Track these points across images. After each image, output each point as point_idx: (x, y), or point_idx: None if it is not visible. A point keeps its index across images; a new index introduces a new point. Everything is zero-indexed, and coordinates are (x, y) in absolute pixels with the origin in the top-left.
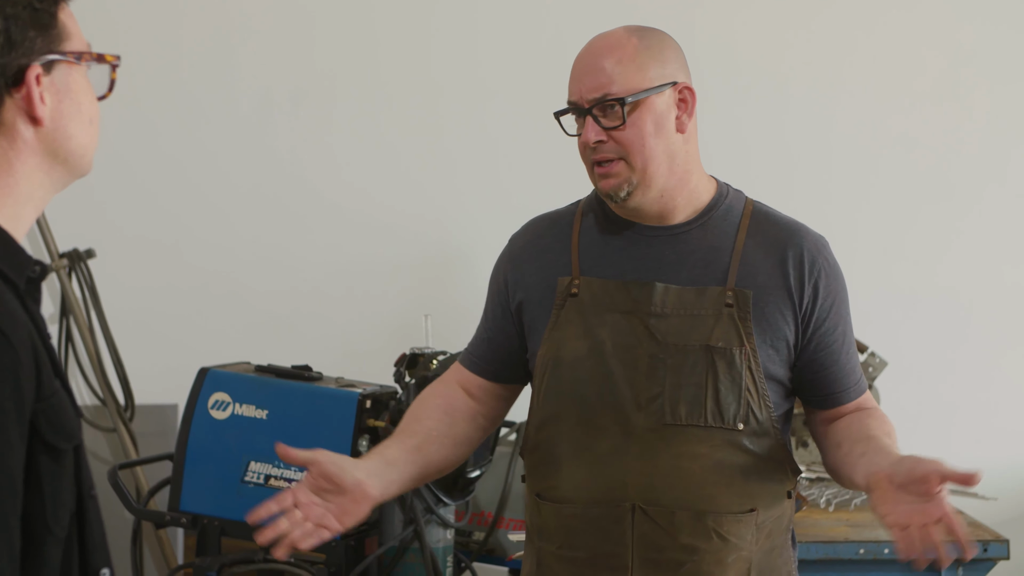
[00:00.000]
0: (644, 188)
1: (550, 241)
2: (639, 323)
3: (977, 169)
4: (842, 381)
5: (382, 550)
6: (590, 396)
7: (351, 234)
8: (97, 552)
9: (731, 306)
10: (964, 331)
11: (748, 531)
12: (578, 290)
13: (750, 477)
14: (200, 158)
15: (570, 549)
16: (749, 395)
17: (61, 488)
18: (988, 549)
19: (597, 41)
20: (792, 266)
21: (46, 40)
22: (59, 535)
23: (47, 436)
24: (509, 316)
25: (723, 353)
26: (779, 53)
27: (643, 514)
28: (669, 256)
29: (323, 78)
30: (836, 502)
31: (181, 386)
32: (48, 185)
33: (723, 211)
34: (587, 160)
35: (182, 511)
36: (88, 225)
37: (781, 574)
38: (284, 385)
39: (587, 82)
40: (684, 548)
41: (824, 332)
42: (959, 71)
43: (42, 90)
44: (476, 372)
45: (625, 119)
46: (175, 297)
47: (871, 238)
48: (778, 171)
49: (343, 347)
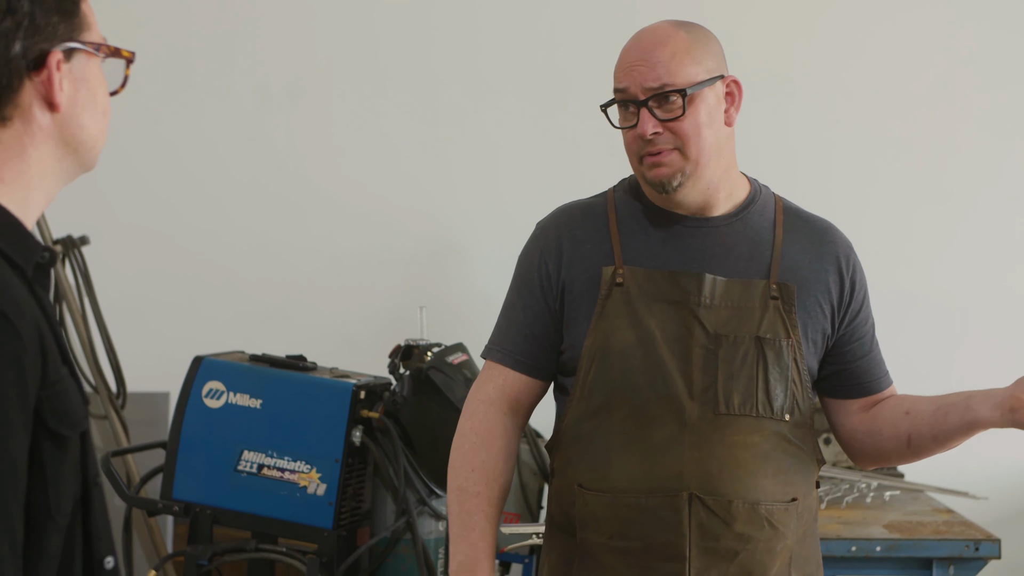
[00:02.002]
0: (695, 179)
1: (587, 231)
2: (688, 314)
3: (973, 172)
4: (879, 368)
5: (374, 541)
6: (642, 386)
7: (347, 225)
8: (101, 540)
9: (776, 299)
10: (960, 333)
11: (792, 520)
12: (623, 280)
13: (792, 467)
14: (197, 147)
15: (623, 539)
16: (795, 386)
17: (64, 476)
18: (980, 548)
19: (646, 35)
20: (830, 262)
21: (68, 28)
22: (61, 523)
23: (51, 423)
24: (550, 311)
25: (772, 344)
26: (780, 57)
27: (700, 503)
28: (713, 248)
29: (321, 70)
30: (828, 499)
31: (174, 374)
32: (58, 174)
33: (759, 206)
34: (636, 152)
35: (174, 499)
36: (83, 212)
37: (813, 563)
38: (278, 375)
39: (643, 73)
40: (740, 537)
41: (859, 323)
42: (957, 75)
43: (61, 76)
44: (524, 371)
45: (685, 110)
46: (169, 285)
47: (870, 240)
48: (780, 173)
49: (338, 337)
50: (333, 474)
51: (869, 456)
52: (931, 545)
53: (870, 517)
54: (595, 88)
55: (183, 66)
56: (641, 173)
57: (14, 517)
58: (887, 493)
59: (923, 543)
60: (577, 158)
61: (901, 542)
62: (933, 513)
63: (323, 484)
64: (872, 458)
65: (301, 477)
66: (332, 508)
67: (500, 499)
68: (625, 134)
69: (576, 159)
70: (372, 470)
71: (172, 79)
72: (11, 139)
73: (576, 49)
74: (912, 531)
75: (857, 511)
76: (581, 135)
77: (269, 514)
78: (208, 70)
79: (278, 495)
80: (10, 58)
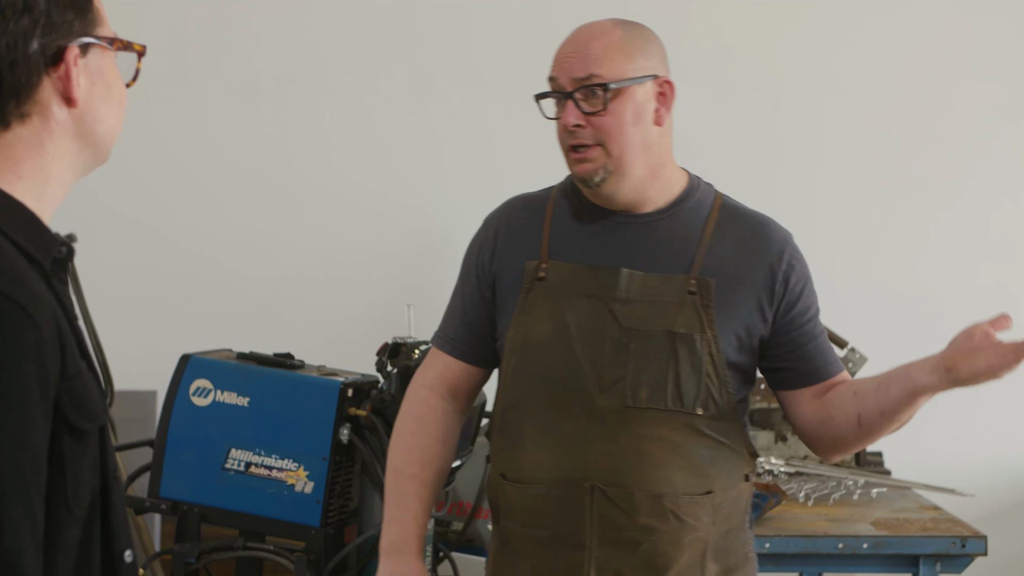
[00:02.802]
0: (619, 176)
1: (524, 223)
2: (604, 308)
3: (958, 166)
4: (826, 355)
5: (361, 539)
6: (556, 378)
7: (337, 221)
8: (121, 535)
9: (694, 294)
10: (943, 327)
11: (705, 513)
12: (545, 274)
13: (708, 460)
14: (187, 141)
15: (533, 528)
16: (709, 381)
17: (83, 469)
18: (966, 545)
19: (583, 29)
20: (763, 257)
21: (83, 23)
22: (78, 516)
23: (71, 417)
24: (486, 297)
25: (685, 339)
26: (767, 50)
27: (602, 494)
28: (639, 244)
29: (312, 64)
30: (815, 496)
31: (161, 372)
32: (75, 168)
33: (694, 203)
34: (564, 144)
35: (162, 497)
36: (70, 208)
37: (738, 555)
38: (266, 373)
39: (572, 65)
40: (642, 528)
41: (797, 314)
42: (943, 68)
43: (78, 71)
44: (461, 358)
45: (607, 105)
46: (157, 281)
47: (853, 234)
48: (764, 166)
49: (325, 335)
50: (321, 472)
51: (826, 444)
52: (918, 542)
53: (857, 514)
54: None
55: (174, 59)
56: (569, 167)
57: (36, 509)
58: (874, 490)
59: (910, 540)
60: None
61: (888, 539)
62: (920, 510)
63: (311, 482)
64: (830, 446)
65: (289, 475)
66: (320, 506)
67: (435, 481)
68: (557, 125)
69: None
70: (360, 468)
71: (163, 72)
72: (30, 135)
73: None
74: (899, 528)
75: (844, 508)
76: None
77: (257, 512)
78: (198, 63)
79: (266, 493)
80: (28, 55)
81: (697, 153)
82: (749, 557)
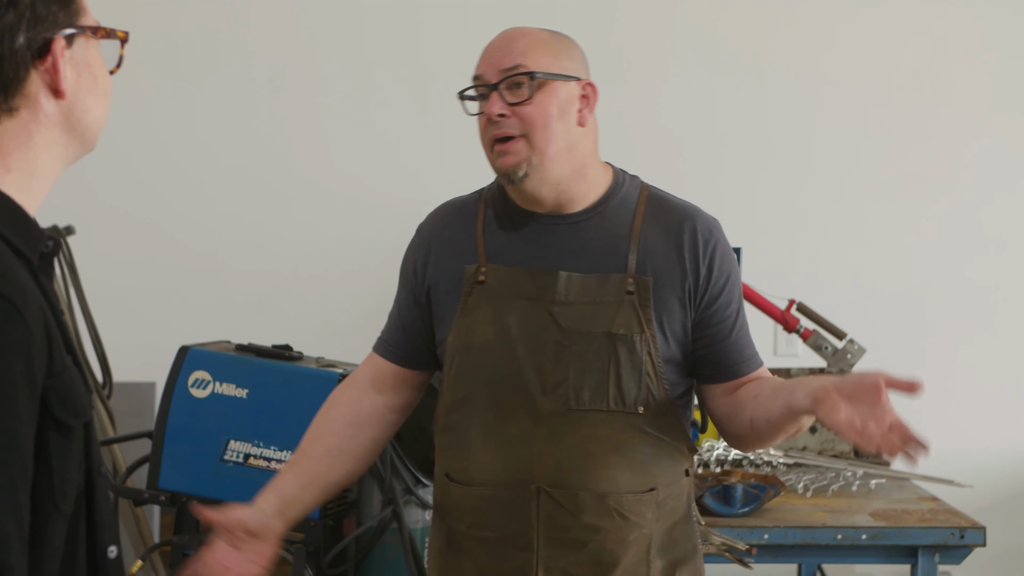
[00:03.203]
0: (542, 171)
1: (456, 229)
2: (544, 311)
3: (949, 160)
4: (741, 353)
5: (361, 530)
6: (499, 381)
7: (333, 214)
8: (106, 530)
9: (632, 293)
10: (931, 321)
11: (649, 510)
12: (485, 277)
13: (650, 458)
14: (183, 135)
15: (480, 528)
16: (649, 379)
17: (69, 465)
18: (965, 536)
19: (510, 30)
20: (687, 247)
21: (67, 14)
22: (65, 512)
23: (57, 412)
24: (419, 304)
25: (624, 340)
26: (758, 44)
27: (548, 496)
28: (570, 245)
29: (307, 57)
30: (814, 488)
31: (160, 364)
32: (62, 160)
33: (620, 199)
34: (487, 138)
35: (161, 489)
36: (68, 201)
37: (684, 548)
38: (264, 364)
39: (499, 59)
40: (587, 528)
41: (718, 308)
42: (935, 62)
43: (65, 63)
44: (390, 359)
45: (533, 95)
46: (155, 275)
47: (844, 227)
48: (754, 161)
49: (323, 327)
50: None
51: (731, 439)
52: (917, 533)
53: (855, 505)
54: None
55: (169, 53)
56: (492, 163)
57: (22, 506)
58: (873, 481)
59: (909, 531)
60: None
61: (886, 530)
62: (919, 501)
63: None
64: (734, 442)
65: None
66: None
67: (322, 456)
68: (479, 122)
69: None
70: None
71: (158, 66)
72: (18, 128)
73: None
74: (898, 519)
75: (843, 499)
76: None
77: None
78: (194, 57)
79: (264, 485)
80: (15, 50)
81: (685, 147)
82: (696, 549)
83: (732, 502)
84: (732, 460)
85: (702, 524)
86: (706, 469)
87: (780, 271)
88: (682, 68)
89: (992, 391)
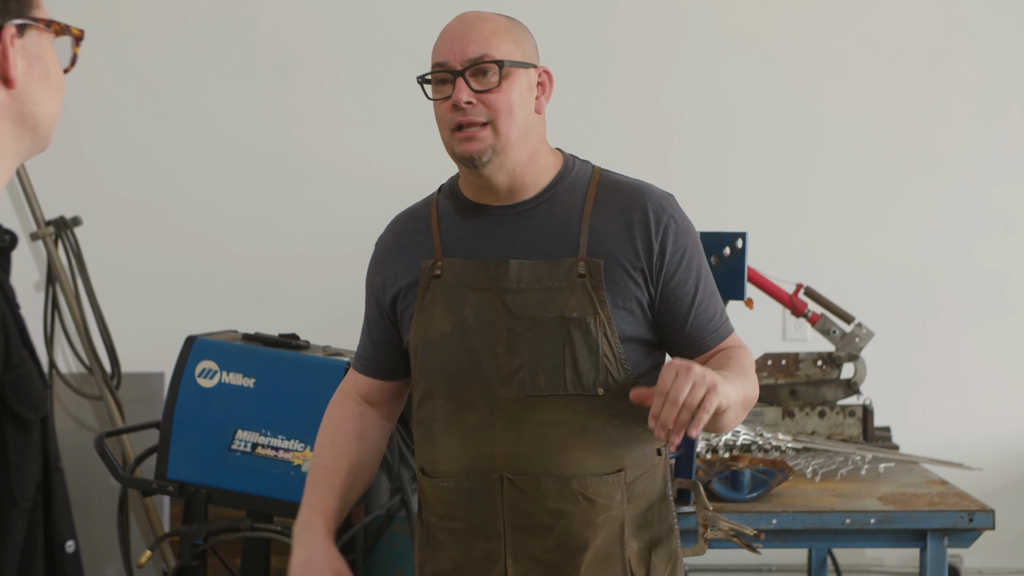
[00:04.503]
0: (503, 156)
1: (411, 235)
2: (497, 299)
3: (959, 142)
4: (700, 330)
5: (369, 518)
6: (457, 372)
7: (340, 200)
8: (62, 524)
9: (584, 276)
10: (939, 304)
11: (616, 491)
12: (441, 271)
13: (615, 439)
14: (189, 122)
15: (450, 520)
16: (607, 361)
17: (28, 460)
18: (974, 519)
19: (468, 15)
20: (638, 226)
21: (19, 4)
22: (23, 507)
23: (14, 407)
24: (386, 315)
25: (578, 323)
26: (764, 21)
27: (511, 483)
28: (520, 233)
29: (314, 42)
30: (822, 472)
31: (168, 354)
32: (15, 153)
33: (569, 183)
34: (447, 125)
35: (169, 479)
36: (75, 193)
37: (660, 529)
38: (271, 354)
39: (463, 46)
40: (552, 512)
41: (676, 285)
42: (946, 43)
43: (15, 52)
44: (368, 374)
45: (500, 83)
46: (161, 265)
47: (850, 210)
48: (759, 142)
49: (330, 315)
50: None
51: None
52: (925, 516)
53: (864, 489)
54: (593, 56)
55: (175, 40)
56: (451, 147)
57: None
58: (881, 465)
59: (917, 515)
60: (574, 128)
61: (895, 514)
62: (927, 485)
63: None
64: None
65: (295, 455)
66: None
67: (348, 472)
68: (437, 107)
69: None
70: None
71: (164, 53)
72: None
73: (573, 20)
74: (906, 503)
75: (851, 483)
76: (577, 104)
77: (264, 493)
78: (200, 43)
79: (272, 474)
80: None
81: (685, 125)
82: (672, 529)
83: (740, 487)
84: (740, 445)
85: (709, 509)
86: (714, 454)
87: (786, 255)
88: (685, 47)
89: (1000, 374)
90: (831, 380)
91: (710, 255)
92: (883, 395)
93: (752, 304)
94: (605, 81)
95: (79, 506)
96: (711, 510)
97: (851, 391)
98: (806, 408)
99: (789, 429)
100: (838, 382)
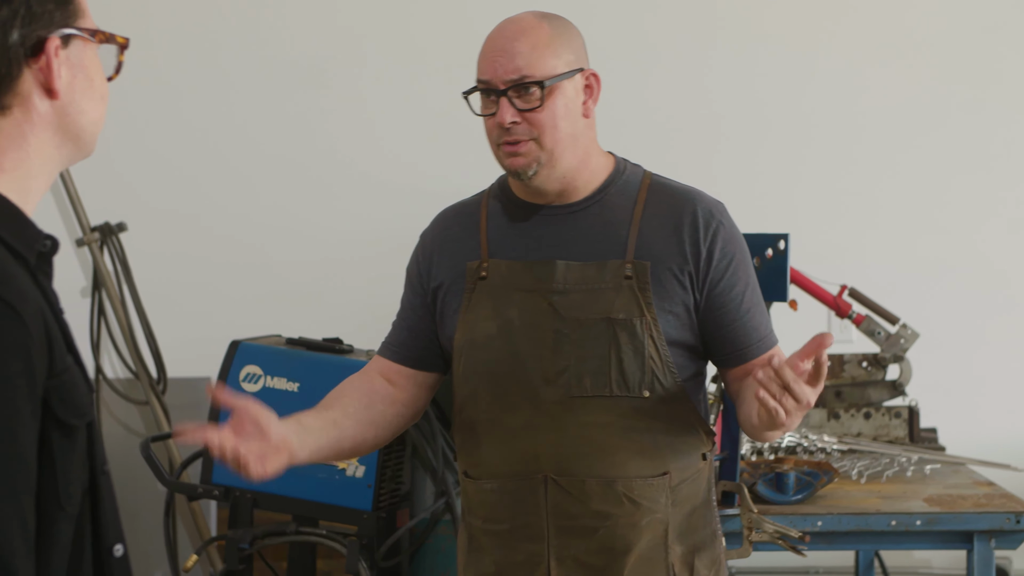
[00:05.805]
0: (550, 167)
1: (458, 231)
2: (543, 300)
3: (1005, 139)
4: (745, 338)
5: (414, 522)
6: (501, 374)
7: (380, 203)
8: (110, 528)
9: (630, 278)
10: (986, 303)
11: (661, 494)
12: (487, 273)
13: (660, 442)
14: (226, 129)
15: (493, 523)
16: (653, 363)
17: (73, 465)
18: (1021, 521)
19: (508, 25)
20: (687, 231)
21: (64, 15)
22: (71, 512)
23: (59, 413)
24: (426, 306)
25: (624, 324)
26: (805, 17)
27: (555, 484)
28: (568, 234)
29: (348, 44)
30: (868, 474)
31: (213, 358)
32: (56, 161)
33: (620, 186)
34: (495, 140)
35: (214, 483)
36: (119, 199)
37: (704, 534)
38: (315, 358)
39: (503, 64)
40: (596, 514)
41: (721, 291)
42: (992, 39)
43: (59, 63)
44: (395, 359)
45: (543, 102)
46: (206, 269)
47: (894, 209)
48: (799, 141)
49: (374, 319)
50: (372, 456)
51: (743, 426)
52: (972, 518)
53: (910, 491)
54: (628, 59)
55: (210, 48)
56: (500, 160)
57: (25, 507)
58: (927, 467)
59: (964, 516)
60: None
61: (941, 515)
62: (974, 486)
63: (362, 466)
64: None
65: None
66: (371, 490)
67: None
68: (485, 121)
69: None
70: (410, 452)
71: (199, 61)
72: (11, 127)
73: (610, 21)
74: (952, 504)
75: (897, 485)
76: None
77: (309, 497)
78: (235, 51)
79: (317, 478)
80: (8, 46)
81: (726, 126)
82: (715, 535)
83: (785, 489)
84: (785, 447)
85: (754, 511)
86: (759, 456)
87: (830, 256)
88: (724, 45)
89: None
90: (876, 381)
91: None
92: (929, 396)
93: (796, 306)
94: (645, 83)
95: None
96: (756, 512)
97: (896, 392)
98: (851, 410)
99: (834, 431)
100: (883, 383)
